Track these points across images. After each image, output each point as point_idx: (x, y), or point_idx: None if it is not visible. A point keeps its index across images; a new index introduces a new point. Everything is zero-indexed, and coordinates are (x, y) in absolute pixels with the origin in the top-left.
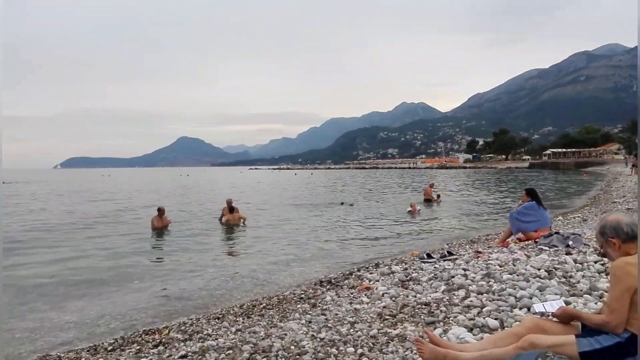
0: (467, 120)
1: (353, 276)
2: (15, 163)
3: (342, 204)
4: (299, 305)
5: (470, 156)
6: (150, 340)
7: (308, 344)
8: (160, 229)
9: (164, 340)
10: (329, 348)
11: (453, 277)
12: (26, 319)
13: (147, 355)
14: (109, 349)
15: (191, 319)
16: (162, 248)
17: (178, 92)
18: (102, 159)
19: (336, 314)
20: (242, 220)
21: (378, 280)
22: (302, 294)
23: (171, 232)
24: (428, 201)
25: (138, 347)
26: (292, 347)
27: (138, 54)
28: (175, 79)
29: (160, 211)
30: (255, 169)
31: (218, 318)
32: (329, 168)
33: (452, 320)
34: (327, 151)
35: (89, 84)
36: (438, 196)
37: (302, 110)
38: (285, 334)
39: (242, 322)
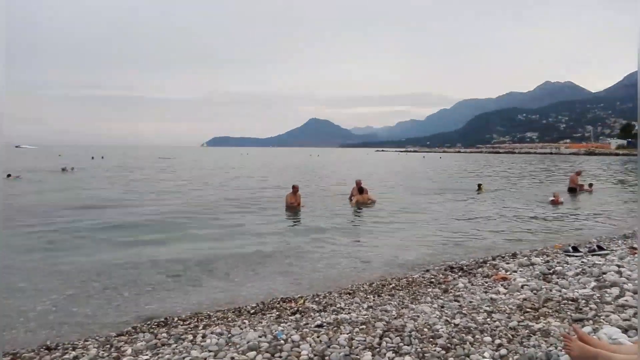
0: (621, 102)
1: (487, 265)
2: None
3: (477, 190)
4: (429, 289)
5: (624, 142)
6: (288, 308)
7: (442, 328)
8: (294, 206)
9: (300, 309)
10: (464, 335)
11: (605, 273)
12: (187, 288)
13: (285, 321)
14: (251, 312)
15: (324, 292)
16: (294, 225)
17: (310, 75)
18: (241, 138)
19: (470, 302)
20: (371, 201)
21: (516, 271)
22: (432, 278)
23: (302, 210)
24: (573, 190)
25: (277, 313)
26: (425, 329)
27: (272, 39)
28: (307, 61)
29: (294, 188)
30: (382, 150)
31: (349, 294)
32: (459, 151)
33: (603, 319)
34: (457, 134)
35: (229, 69)
36: (590, 185)
37: (431, 91)
38: (418, 316)
39: (373, 300)
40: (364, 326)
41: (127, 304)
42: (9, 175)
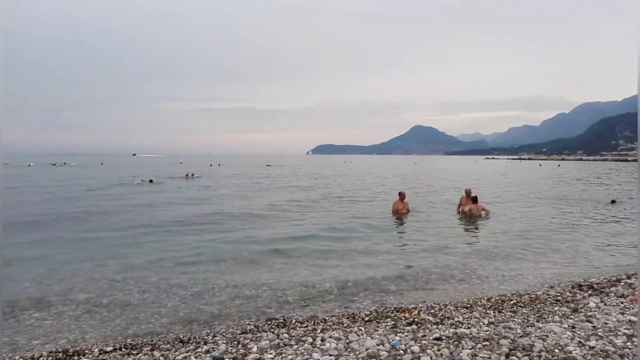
0: None
1: (622, 284)
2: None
3: (612, 202)
4: (556, 308)
5: None
6: (403, 318)
7: (576, 350)
8: (400, 213)
9: (415, 319)
10: (601, 359)
11: None
12: (294, 279)
13: (402, 331)
14: (365, 319)
15: (438, 304)
16: (403, 231)
17: (414, 81)
18: (344, 146)
19: (605, 323)
20: (485, 212)
21: None
22: (558, 296)
23: (407, 217)
24: None
25: (393, 323)
26: (557, 350)
27: (369, 49)
28: (411, 68)
29: (401, 195)
30: (492, 158)
31: (466, 307)
32: (580, 159)
33: None
34: (578, 140)
35: (335, 79)
36: None
37: (546, 95)
38: (547, 336)
39: (494, 316)
40: (487, 342)
41: (249, 303)
42: (146, 181)
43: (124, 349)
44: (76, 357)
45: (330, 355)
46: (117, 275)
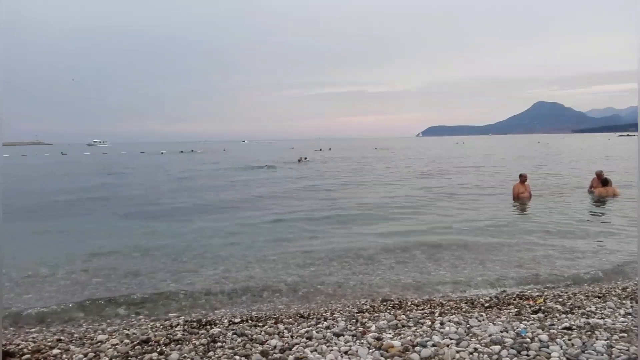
0: None
1: None
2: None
3: None
4: None
5: None
6: (528, 306)
7: None
8: (522, 197)
9: (542, 307)
10: None
11: None
12: (414, 274)
13: (527, 319)
14: (486, 305)
15: (567, 292)
16: (524, 217)
17: (532, 54)
18: (457, 127)
19: None
20: (616, 195)
21: None
22: None
23: (532, 203)
24: None
25: (516, 310)
26: None
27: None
28: (525, 42)
29: (522, 177)
30: (627, 135)
31: (598, 297)
32: None
33: None
34: None
35: (447, 56)
36: None
37: None
38: None
39: (632, 306)
40: (624, 334)
41: (363, 285)
42: (265, 166)
43: (250, 321)
44: (208, 327)
45: (451, 339)
46: (248, 255)
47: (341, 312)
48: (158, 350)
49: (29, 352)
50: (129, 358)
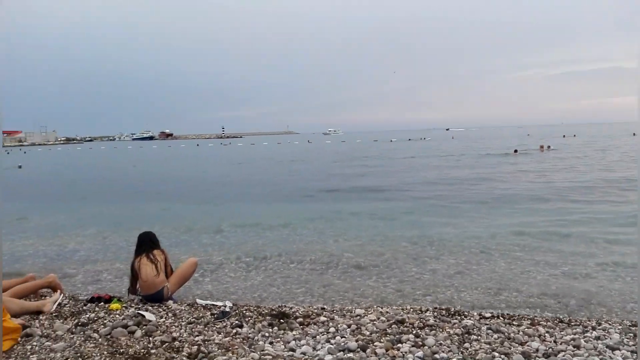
0: None
1: None
2: None
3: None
4: None
5: None
6: None
7: None
8: None
9: None
10: None
11: None
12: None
13: None
14: None
15: None
16: None
17: None
18: None
19: None
20: None
21: None
22: None
23: None
24: None
25: None
26: None
27: None
28: None
29: None
30: None
31: None
32: None
33: None
34: None
35: None
36: None
37: None
38: None
39: None
40: None
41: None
42: (515, 151)
43: (501, 318)
44: (458, 317)
45: None
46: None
47: (608, 321)
48: (414, 332)
49: (300, 316)
50: (388, 335)
